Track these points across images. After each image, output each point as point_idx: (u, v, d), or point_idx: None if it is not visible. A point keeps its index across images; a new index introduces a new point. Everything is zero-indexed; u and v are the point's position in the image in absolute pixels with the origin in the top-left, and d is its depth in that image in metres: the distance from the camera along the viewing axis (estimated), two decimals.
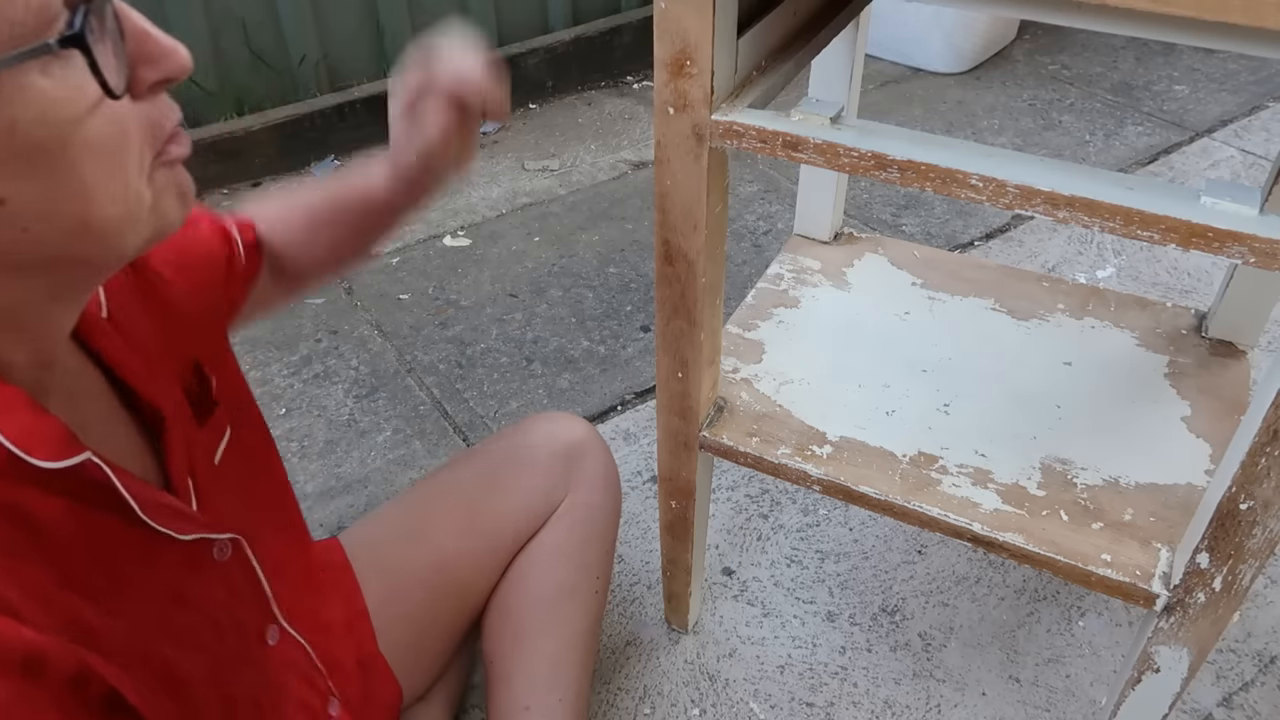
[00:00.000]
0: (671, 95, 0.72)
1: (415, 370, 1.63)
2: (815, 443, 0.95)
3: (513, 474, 0.97)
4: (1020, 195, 0.64)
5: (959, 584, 1.25)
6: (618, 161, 2.23)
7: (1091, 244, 1.90)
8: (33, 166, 0.42)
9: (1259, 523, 0.69)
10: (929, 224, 1.98)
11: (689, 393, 0.91)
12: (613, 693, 1.13)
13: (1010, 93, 2.48)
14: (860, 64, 1.07)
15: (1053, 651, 1.17)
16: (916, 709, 1.12)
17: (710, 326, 0.88)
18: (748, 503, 1.37)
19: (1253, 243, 0.59)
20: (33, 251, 0.45)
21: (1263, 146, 2.20)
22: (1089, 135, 2.28)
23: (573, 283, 1.83)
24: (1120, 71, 2.55)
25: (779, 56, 0.81)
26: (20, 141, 0.41)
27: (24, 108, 0.41)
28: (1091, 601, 1.23)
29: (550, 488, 0.98)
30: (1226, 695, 1.12)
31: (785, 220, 1.99)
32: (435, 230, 2.00)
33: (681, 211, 0.78)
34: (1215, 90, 2.45)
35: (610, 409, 1.54)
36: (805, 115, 0.71)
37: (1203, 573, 0.75)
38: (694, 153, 0.74)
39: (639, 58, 2.60)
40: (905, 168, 0.67)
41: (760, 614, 1.22)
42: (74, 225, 0.45)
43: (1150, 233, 0.61)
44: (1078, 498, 0.88)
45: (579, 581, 0.98)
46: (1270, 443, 0.65)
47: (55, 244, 0.45)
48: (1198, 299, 1.74)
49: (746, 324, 1.10)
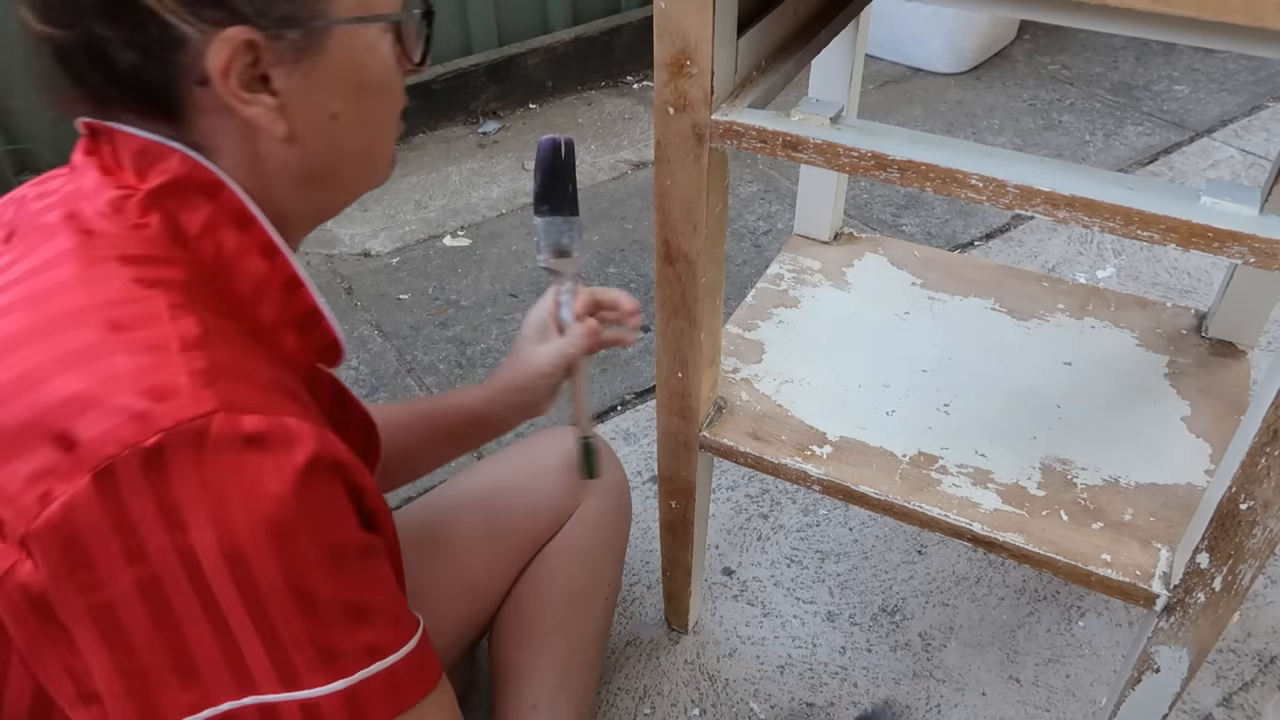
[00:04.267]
0: (671, 95, 0.72)
1: (415, 370, 1.63)
2: (815, 443, 0.94)
3: (528, 481, 0.98)
4: (1020, 195, 0.64)
5: (959, 584, 1.25)
6: (618, 161, 2.23)
7: (1091, 244, 1.90)
8: (359, 97, 0.59)
9: (1259, 523, 0.69)
10: (929, 224, 1.98)
11: (689, 393, 0.91)
12: (613, 693, 1.13)
13: (1010, 93, 2.48)
14: (860, 64, 1.07)
15: (1053, 651, 1.17)
16: (916, 709, 1.12)
17: (710, 326, 0.88)
18: (748, 503, 1.37)
19: (1253, 243, 0.59)
20: (329, 164, 0.60)
21: (1263, 146, 2.20)
22: (1089, 135, 2.28)
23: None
24: (1120, 71, 2.55)
25: (779, 56, 0.81)
26: (363, 77, 0.58)
27: (372, 56, 0.58)
28: (1091, 601, 1.23)
29: (564, 495, 0.98)
30: (1226, 695, 1.12)
31: (785, 220, 1.99)
32: (435, 230, 2.00)
33: (681, 211, 0.78)
34: (1215, 90, 2.45)
35: (610, 409, 1.54)
36: (805, 115, 0.71)
37: (1203, 573, 0.75)
38: (694, 153, 0.74)
39: (639, 58, 2.60)
40: (905, 168, 0.67)
41: (760, 614, 1.22)
42: (359, 150, 0.61)
43: (1150, 233, 0.61)
44: (1078, 498, 0.88)
45: (591, 586, 0.99)
46: (1270, 443, 0.65)
47: (343, 162, 0.61)
48: (1198, 299, 1.74)
49: (746, 324, 1.09)
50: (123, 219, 0.53)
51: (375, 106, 0.60)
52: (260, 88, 0.54)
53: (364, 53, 0.57)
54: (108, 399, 0.46)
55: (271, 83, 0.54)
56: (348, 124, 0.59)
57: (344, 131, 0.59)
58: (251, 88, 0.54)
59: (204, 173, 0.55)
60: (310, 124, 0.57)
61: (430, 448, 0.91)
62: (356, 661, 0.51)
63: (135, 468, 0.45)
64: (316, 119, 0.57)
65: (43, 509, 0.45)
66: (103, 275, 0.50)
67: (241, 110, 0.54)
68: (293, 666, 0.50)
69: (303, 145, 0.57)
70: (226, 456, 0.47)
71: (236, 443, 0.47)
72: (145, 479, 0.45)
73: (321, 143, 0.58)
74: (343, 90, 0.57)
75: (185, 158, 0.54)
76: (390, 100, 0.61)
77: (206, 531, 0.46)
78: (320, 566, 0.49)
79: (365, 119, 0.60)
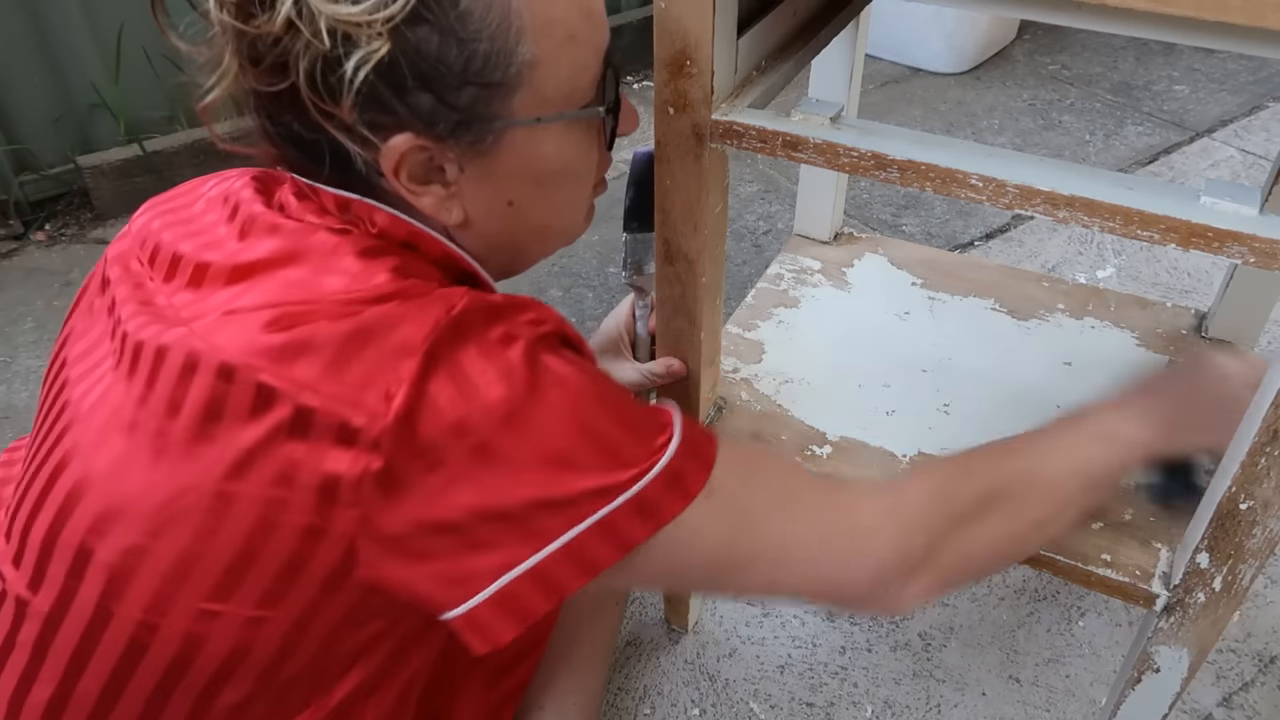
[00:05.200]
0: (671, 95, 0.72)
1: None
2: (815, 443, 0.94)
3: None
4: (1020, 195, 0.64)
5: None
6: (618, 161, 2.22)
7: (1091, 244, 1.90)
8: (539, 185, 0.62)
9: (1259, 523, 0.69)
10: (929, 224, 1.98)
11: (689, 393, 0.91)
12: (613, 693, 1.13)
13: (1010, 93, 2.48)
14: (860, 64, 1.07)
15: (1053, 651, 1.17)
16: (916, 709, 1.12)
17: (710, 326, 0.88)
18: None
19: (1253, 243, 0.59)
20: (507, 242, 0.64)
21: (1263, 146, 2.20)
22: (1089, 135, 2.28)
23: (572, 283, 1.83)
24: (1120, 71, 2.55)
25: (779, 56, 0.81)
26: (543, 167, 0.61)
27: (554, 146, 0.60)
28: (1091, 601, 1.23)
29: None
30: (1226, 695, 1.12)
31: (785, 220, 1.99)
32: None
33: (681, 211, 0.78)
34: (1215, 90, 2.45)
35: None
36: (805, 115, 0.71)
37: (1203, 573, 0.75)
38: (694, 153, 0.74)
39: (639, 58, 2.60)
40: (905, 168, 0.67)
41: (760, 614, 1.22)
42: (538, 227, 0.65)
43: (1150, 233, 0.61)
44: None
45: (601, 591, 0.99)
46: (1270, 443, 0.65)
47: (522, 240, 0.65)
48: (1198, 299, 1.74)
49: (746, 324, 1.09)
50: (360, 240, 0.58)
51: (555, 191, 0.63)
52: (435, 178, 0.58)
53: (543, 145, 0.60)
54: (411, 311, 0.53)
55: (446, 174, 0.58)
56: (525, 209, 0.62)
57: (521, 215, 0.62)
58: (425, 180, 0.58)
59: (406, 225, 0.59)
60: (486, 210, 0.61)
61: None
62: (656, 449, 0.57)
63: (448, 338, 0.52)
64: (493, 206, 0.61)
65: (389, 405, 0.50)
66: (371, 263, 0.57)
67: (413, 200, 0.58)
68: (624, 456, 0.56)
69: (476, 228, 0.62)
70: (509, 313, 0.55)
71: (512, 302, 0.56)
72: (458, 343, 0.52)
73: (498, 225, 0.62)
74: (520, 181, 0.61)
75: (389, 214, 0.59)
76: (575, 183, 0.65)
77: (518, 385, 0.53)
78: (594, 386, 0.57)
79: (544, 203, 0.63)
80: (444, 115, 0.55)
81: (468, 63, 0.54)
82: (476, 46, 0.53)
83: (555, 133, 0.60)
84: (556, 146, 0.60)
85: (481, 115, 0.56)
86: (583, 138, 0.62)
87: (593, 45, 0.59)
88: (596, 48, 0.60)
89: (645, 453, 0.56)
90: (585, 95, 0.60)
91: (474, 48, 0.53)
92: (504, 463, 0.52)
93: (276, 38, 0.51)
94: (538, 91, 0.57)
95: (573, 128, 0.61)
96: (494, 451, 0.52)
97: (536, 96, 0.57)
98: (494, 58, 0.54)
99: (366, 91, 0.52)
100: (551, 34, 0.56)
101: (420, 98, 0.54)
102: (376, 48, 0.51)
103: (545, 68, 0.56)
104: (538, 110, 0.58)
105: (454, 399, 0.51)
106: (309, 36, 0.51)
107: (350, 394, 0.51)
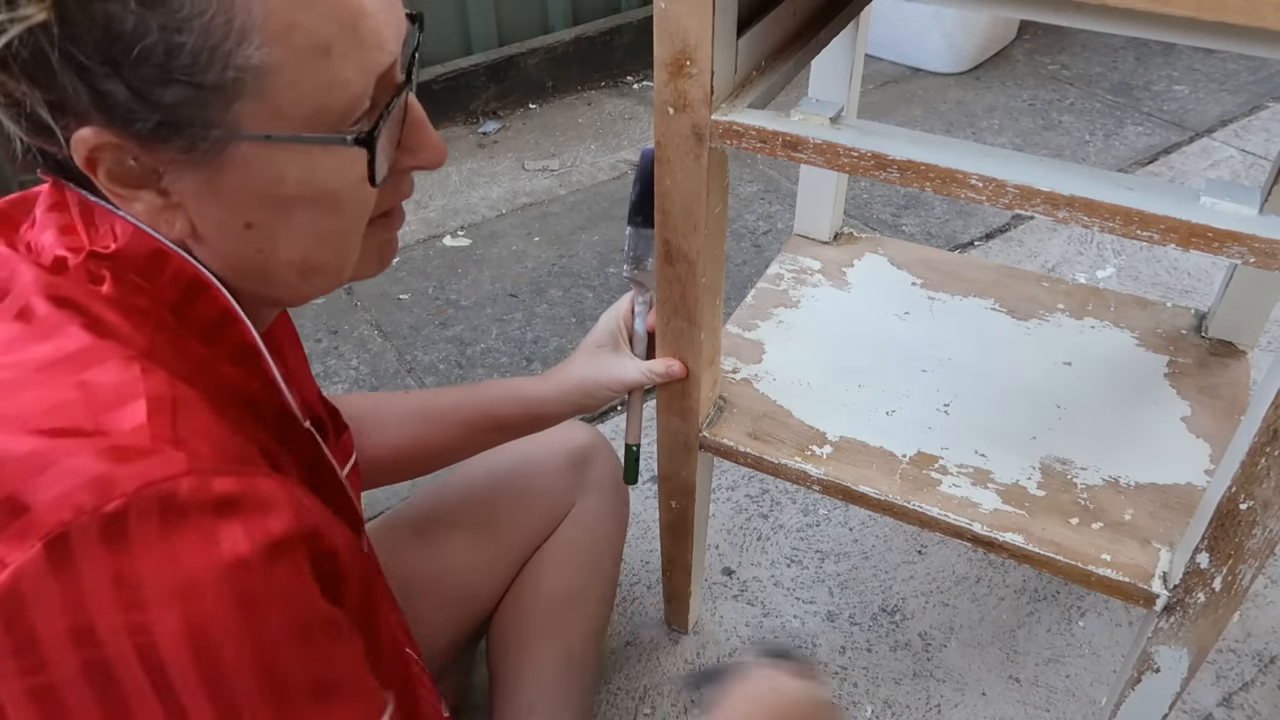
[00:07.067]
0: (671, 95, 0.72)
1: (415, 370, 1.63)
2: (815, 443, 0.94)
3: (524, 480, 0.98)
4: (1020, 195, 0.64)
5: (959, 584, 1.25)
6: (618, 161, 2.23)
7: (1091, 244, 1.90)
8: (283, 210, 0.52)
9: (1259, 523, 0.69)
10: (929, 224, 1.98)
11: (689, 393, 0.91)
12: (613, 693, 1.13)
13: (1010, 93, 2.48)
14: (860, 64, 1.07)
15: (1053, 651, 1.17)
16: (916, 709, 1.12)
17: (710, 326, 0.88)
18: (748, 503, 1.37)
19: (1253, 243, 0.59)
20: (256, 268, 0.54)
21: (1263, 146, 2.20)
22: (1089, 135, 2.28)
23: (573, 283, 1.83)
24: (1120, 71, 2.55)
25: (779, 56, 0.81)
26: (282, 190, 0.51)
27: (297, 169, 0.50)
28: (1091, 601, 1.23)
29: (561, 493, 0.98)
30: (1226, 695, 1.12)
31: (785, 220, 1.99)
32: (435, 230, 2.00)
33: (681, 211, 0.78)
34: (1215, 90, 2.45)
35: (610, 409, 1.54)
36: (805, 115, 0.71)
37: (1203, 573, 0.75)
38: (694, 153, 0.74)
39: (639, 58, 2.60)
40: (905, 168, 0.67)
41: (760, 614, 1.22)
42: (295, 258, 0.54)
43: (1150, 233, 0.61)
44: (1078, 498, 0.88)
45: (588, 585, 0.99)
46: (1270, 443, 0.65)
47: (275, 267, 0.54)
48: (1198, 299, 1.74)
49: (746, 324, 1.09)
50: (75, 277, 0.50)
51: (309, 220, 0.53)
52: (147, 184, 0.49)
53: (282, 166, 0.50)
54: (64, 460, 0.42)
55: (162, 181, 0.49)
56: (269, 235, 0.53)
57: (264, 240, 0.53)
58: (135, 183, 0.49)
59: (150, 240, 0.51)
60: (219, 228, 0.52)
61: (477, 436, 0.91)
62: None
63: (93, 536, 0.41)
64: (226, 225, 0.52)
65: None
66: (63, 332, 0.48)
67: (122, 206, 0.50)
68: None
69: (212, 246, 0.53)
70: (196, 523, 0.43)
71: (207, 507, 0.43)
72: (103, 549, 0.41)
73: (238, 247, 0.53)
74: (256, 203, 0.51)
75: (132, 225, 0.51)
76: (338, 215, 0.54)
77: (168, 609, 0.42)
78: (289, 643, 0.46)
79: (295, 232, 0.53)
80: (142, 112, 0.46)
81: (169, 54, 0.45)
82: (183, 38, 0.44)
83: (298, 154, 0.50)
84: (302, 170, 0.50)
85: (193, 120, 0.47)
86: (343, 166, 0.52)
87: (357, 63, 0.49)
88: (363, 67, 0.50)
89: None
90: (339, 118, 0.50)
91: (180, 39, 0.44)
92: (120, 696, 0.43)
93: None
94: (270, 104, 0.48)
95: (327, 152, 0.51)
96: (111, 676, 0.42)
97: (269, 109, 0.48)
98: (206, 54, 0.45)
99: (34, 66, 0.44)
100: (291, 41, 0.47)
101: (111, 85, 0.45)
102: (30, 13, 0.42)
103: (280, 78, 0.47)
104: (269, 126, 0.48)
105: (79, 599, 0.41)
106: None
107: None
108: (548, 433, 1.00)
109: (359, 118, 0.51)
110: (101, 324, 0.49)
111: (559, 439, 1.00)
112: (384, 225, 0.59)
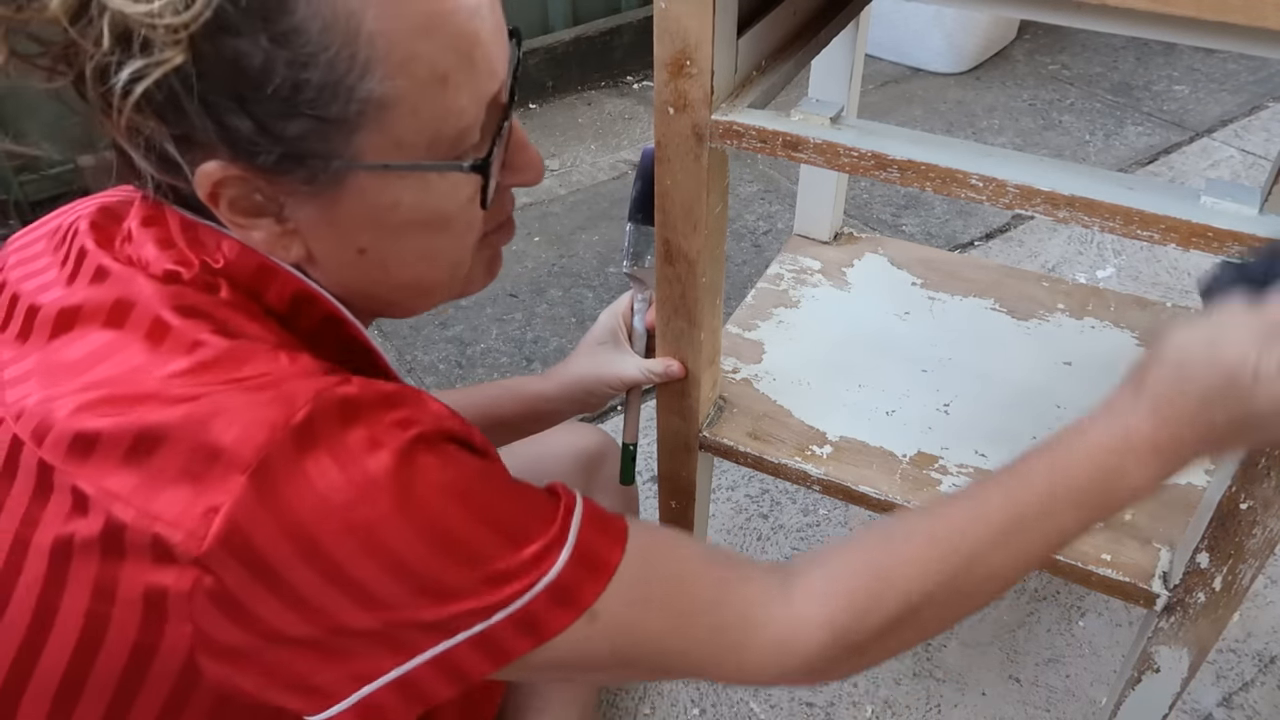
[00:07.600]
0: (671, 95, 0.72)
1: (415, 370, 1.63)
2: (815, 443, 0.94)
3: (535, 481, 0.98)
4: (1020, 195, 0.64)
5: None
6: (618, 161, 2.23)
7: (1091, 244, 1.90)
8: (395, 235, 0.54)
9: (1259, 522, 0.69)
10: (929, 224, 1.98)
11: (689, 393, 0.91)
12: (613, 693, 1.13)
13: (1010, 93, 2.48)
14: (860, 64, 1.07)
15: (1053, 651, 1.17)
16: (916, 709, 1.12)
17: (710, 326, 0.88)
18: (748, 503, 1.37)
19: (1253, 243, 0.59)
20: (368, 289, 0.57)
21: (1263, 146, 2.20)
22: (1089, 135, 2.28)
23: (573, 283, 1.83)
24: (1120, 71, 2.55)
25: (779, 56, 0.81)
26: (396, 216, 0.52)
27: (411, 195, 0.52)
28: (1091, 601, 1.23)
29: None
30: (1226, 695, 1.12)
31: (785, 220, 1.99)
32: None
33: (681, 211, 0.78)
34: (1215, 90, 2.45)
35: (610, 409, 1.54)
36: (805, 115, 0.71)
37: (1203, 573, 0.75)
38: (694, 153, 0.74)
39: (639, 58, 2.60)
40: (905, 168, 0.67)
41: None
42: (408, 280, 0.57)
43: (1150, 233, 0.61)
44: None
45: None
46: None
47: (386, 290, 0.57)
48: (1197, 299, 1.74)
49: (746, 324, 1.09)
50: (193, 287, 0.52)
51: (420, 244, 0.55)
52: (268, 211, 0.51)
53: (399, 194, 0.52)
54: (225, 403, 0.46)
55: (283, 210, 0.51)
56: (382, 260, 0.55)
57: (377, 265, 0.55)
58: (255, 212, 0.51)
59: (256, 257, 0.53)
60: (334, 254, 0.54)
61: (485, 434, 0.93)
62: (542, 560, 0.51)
63: (289, 452, 0.45)
64: (340, 252, 0.54)
65: (208, 524, 0.44)
66: (199, 338, 0.50)
67: (241, 235, 0.52)
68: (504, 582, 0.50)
69: (326, 269, 0.55)
70: (369, 417, 0.47)
71: (378, 402, 0.48)
72: (300, 462, 0.45)
73: (352, 272, 0.55)
74: (369, 230, 0.53)
75: (238, 243, 0.53)
76: (447, 237, 0.56)
77: (376, 499, 0.46)
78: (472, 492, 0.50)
79: (406, 256, 0.55)
80: (266, 145, 0.47)
81: (296, 90, 0.46)
82: (308, 73, 0.45)
83: (414, 181, 0.52)
84: (416, 196, 0.52)
85: (315, 152, 0.48)
86: (454, 189, 0.53)
87: (472, 91, 0.51)
88: (477, 94, 0.51)
89: (529, 565, 0.50)
90: (452, 144, 0.51)
91: (306, 75, 0.45)
92: (363, 586, 0.46)
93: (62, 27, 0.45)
94: (389, 134, 0.49)
95: (441, 177, 0.52)
96: (350, 575, 0.46)
97: (388, 139, 0.49)
98: (330, 88, 0.46)
99: (166, 104, 0.46)
100: (412, 72, 0.48)
101: (237, 120, 0.46)
102: (168, 56, 0.44)
103: (400, 109, 0.48)
104: (388, 155, 0.50)
105: (294, 516, 0.45)
106: (95, 33, 0.44)
107: (164, 510, 0.45)
108: (557, 435, 1.00)
109: (471, 142, 0.52)
110: (229, 327, 0.51)
111: (568, 442, 1.00)
112: (494, 240, 0.62)
